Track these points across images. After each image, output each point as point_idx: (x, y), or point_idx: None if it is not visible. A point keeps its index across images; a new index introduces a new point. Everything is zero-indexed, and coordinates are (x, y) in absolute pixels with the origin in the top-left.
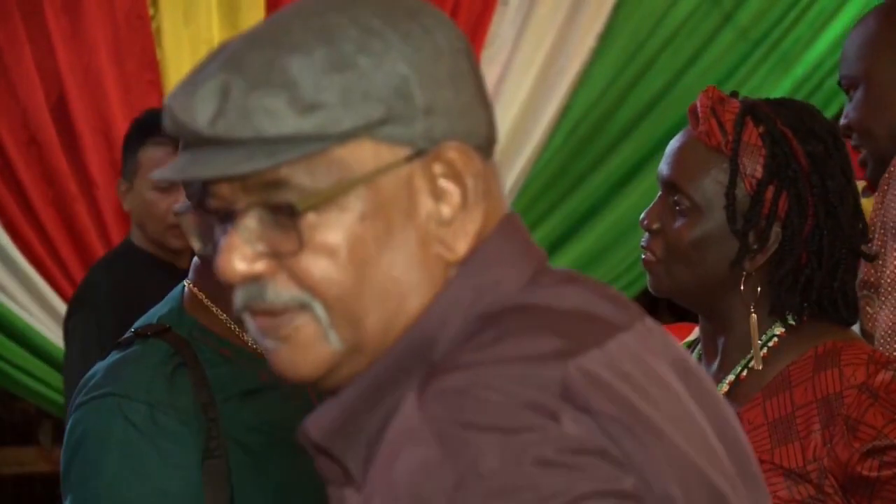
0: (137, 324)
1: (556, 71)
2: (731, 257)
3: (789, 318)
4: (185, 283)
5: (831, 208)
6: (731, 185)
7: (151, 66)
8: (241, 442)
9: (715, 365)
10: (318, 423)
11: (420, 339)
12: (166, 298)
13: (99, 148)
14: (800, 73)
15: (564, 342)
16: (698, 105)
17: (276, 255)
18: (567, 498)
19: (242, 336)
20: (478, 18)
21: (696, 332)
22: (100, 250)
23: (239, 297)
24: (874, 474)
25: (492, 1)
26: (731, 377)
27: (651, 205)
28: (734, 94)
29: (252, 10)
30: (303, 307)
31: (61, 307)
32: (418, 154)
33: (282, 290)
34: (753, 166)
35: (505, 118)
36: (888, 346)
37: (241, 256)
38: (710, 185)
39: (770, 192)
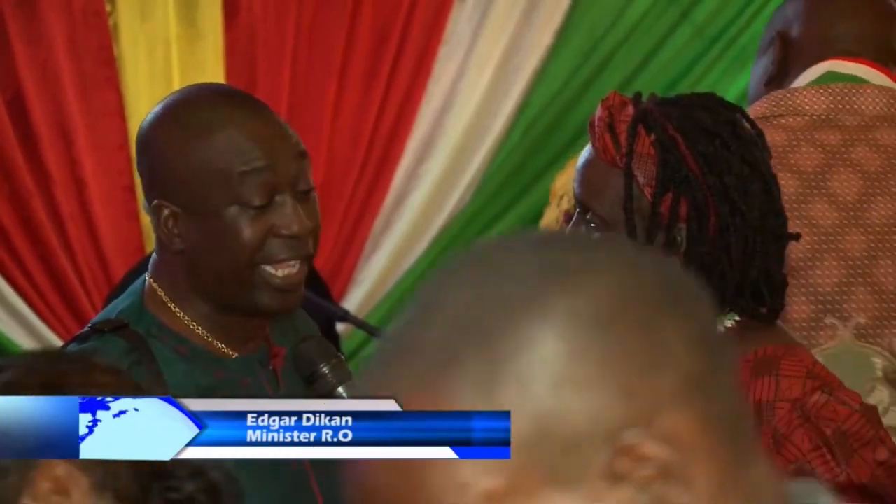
0: (96, 318)
1: (513, 68)
2: None
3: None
4: (146, 277)
5: (734, 204)
6: (628, 198)
7: (108, 63)
8: None
9: None
10: None
11: None
12: (128, 291)
13: (56, 144)
14: None
15: None
16: (595, 119)
17: None
18: None
19: (201, 334)
20: (435, 15)
21: None
22: (56, 246)
23: None
24: None
25: None
26: None
27: (570, 226)
28: (637, 97)
29: (210, 7)
30: None
31: (17, 303)
32: None
33: None
34: (648, 176)
35: (462, 115)
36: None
37: None
38: (614, 199)
39: (668, 200)
